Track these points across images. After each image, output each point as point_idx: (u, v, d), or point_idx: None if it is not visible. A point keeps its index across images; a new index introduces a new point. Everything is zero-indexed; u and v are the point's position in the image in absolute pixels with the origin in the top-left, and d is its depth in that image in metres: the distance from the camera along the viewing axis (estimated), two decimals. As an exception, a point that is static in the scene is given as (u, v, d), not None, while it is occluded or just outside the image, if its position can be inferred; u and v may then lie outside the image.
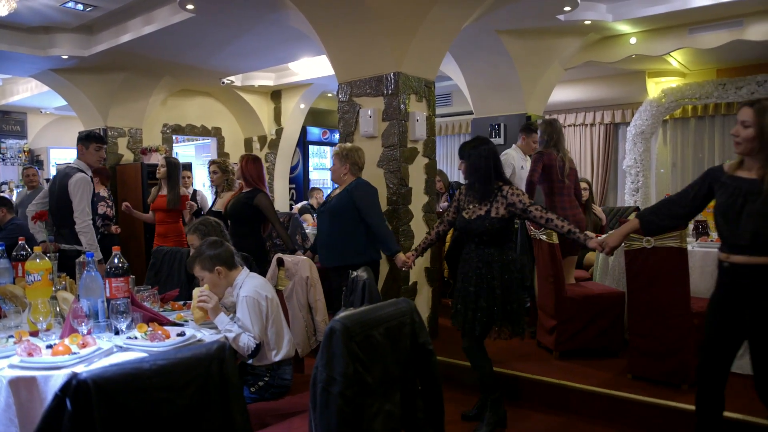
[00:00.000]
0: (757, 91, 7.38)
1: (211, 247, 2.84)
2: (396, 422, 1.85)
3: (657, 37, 6.28)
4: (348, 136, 4.79)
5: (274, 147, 9.59)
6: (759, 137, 2.39)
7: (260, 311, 2.73)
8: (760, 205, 2.36)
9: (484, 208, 3.21)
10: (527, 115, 6.41)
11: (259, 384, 2.85)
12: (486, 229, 3.18)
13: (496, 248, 3.22)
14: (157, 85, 7.81)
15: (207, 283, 2.82)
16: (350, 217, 3.81)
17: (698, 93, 7.77)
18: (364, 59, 4.61)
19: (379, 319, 1.82)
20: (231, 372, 1.73)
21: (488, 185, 3.21)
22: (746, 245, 2.40)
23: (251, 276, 2.88)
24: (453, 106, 9.71)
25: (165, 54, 6.73)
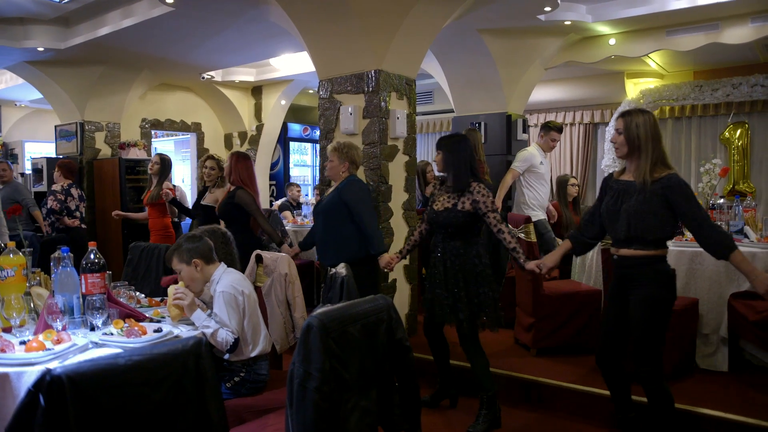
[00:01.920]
0: (732, 93, 7.50)
1: (190, 240, 2.85)
2: (372, 418, 1.87)
3: (636, 38, 6.35)
4: (328, 133, 4.78)
5: (254, 143, 9.54)
6: (628, 143, 2.76)
7: (237, 306, 2.73)
8: (632, 204, 2.72)
9: (453, 201, 3.33)
10: (507, 114, 6.46)
11: (234, 380, 2.84)
12: (451, 221, 3.30)
13: (462, 240, 3.33)
14: (136, 79, 7.72)
15: (184, 276, 2.82)
16: (341, 214, 3.82)
17: (675, 94, 7.88)
18: (345, 56, 4.61)
19: (356, 316, 1.83)
20: (207, 367, 1.72)
21: (461, 180, 3.33)
22: (623, 239, 2.78)
23: (228, 271, 2.88)
24: (434, 104, 9.73)
25: (144, 48, 6.66)
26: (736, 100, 7.66)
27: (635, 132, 2.74)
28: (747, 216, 4.37)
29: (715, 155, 7.59)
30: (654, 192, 2.68)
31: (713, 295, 3.88)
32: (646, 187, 2.69)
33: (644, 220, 2.70)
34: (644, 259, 2.76)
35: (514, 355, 4.30)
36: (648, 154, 2.71)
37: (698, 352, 3.94)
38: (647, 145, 2.72)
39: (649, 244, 2.74)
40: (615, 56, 6.50)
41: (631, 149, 2.77)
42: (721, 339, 3.88)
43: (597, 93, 8.62)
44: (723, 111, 7.97)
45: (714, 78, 7.69)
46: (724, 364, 3.87)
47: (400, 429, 2.00)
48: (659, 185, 2.68)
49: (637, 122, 2.74)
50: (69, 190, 6.32)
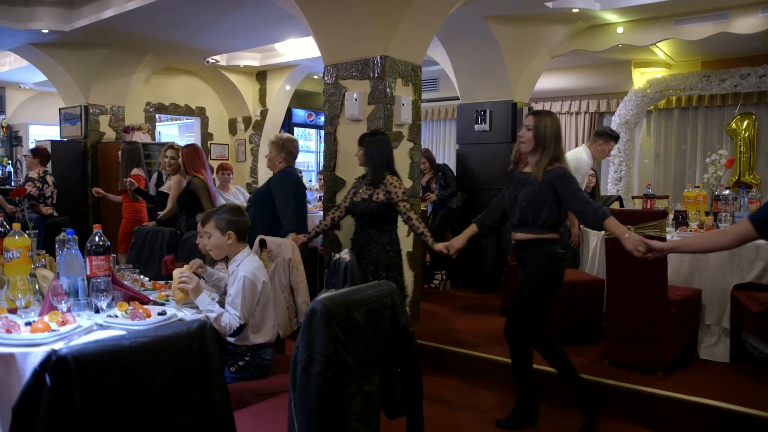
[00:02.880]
0: (740, 83, 7.44)
1: (233, 212, 2.92)
2: (375, 403, 1.87)
3: (643, 27, 6.30)
4: (333, 119, 4.77)
5: (258, 128, 9.52)
6: (535, 140, 3.06)
7: (254, 294, 2.78)
8: (526, 192, 3.07)
9: (369, 192, 3.73)
10: (513, 102, 6.42)
11: (239, 364, 2.87)
12: (366, 210, 3.70)
13: (376, 229, 3.73)
14: (141, 62, 7.70)
15: (212, 241, 2.88)
16: (269, 201, 4.10)
17: (683, 84, 7.82)
18: (350, 42, 4.58)
19: (360, 301, 1.83)
20: (212, 350, 1.73)
21: (378, 173, 3.72)
22: (516, 224, 3.15)
23: (251, 257, 2.92)
24: (439, 92, 9.69)
25: (148, 31, 6.63)
26: (743, 90, 7.61)
27: (543, 131, 3.05)
28: (752, 207, 4.36)
29: (721, 146, 7.57)
30: (545, 181, 3.03)
31: (716, 286, 3.88)
32: (538, 179, 3.05)
33: (534, 206, 3.05)
34: (534, 242, 3.11)
35: (516, 343, 4.30)
36: (549, 152, 3.06)
37: (700, 342, 3.94)
38: (550, 144, 3.06)
39: (538, 229, 3.08)
40: (622, 45, 6.45)
41: (537, 146, 3.08)
42: (723, 330, 3.89)
43: (603, 82, 8.56)
44: (730, 102, 7.92)
45: (722, 68, 7.62)
46: (725, 355, 3.87)
47: (402, 414, 2.01)
48: (549, 176, 3.03)
49: (545, 123, 3.06)
50: (45, 177, 6.41)
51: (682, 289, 3.88)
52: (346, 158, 4.72)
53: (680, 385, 3.44)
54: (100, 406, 1.48)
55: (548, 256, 3.12)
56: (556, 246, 3.14)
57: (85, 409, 1.44)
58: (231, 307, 2.75)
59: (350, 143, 4.67)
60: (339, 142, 4.76)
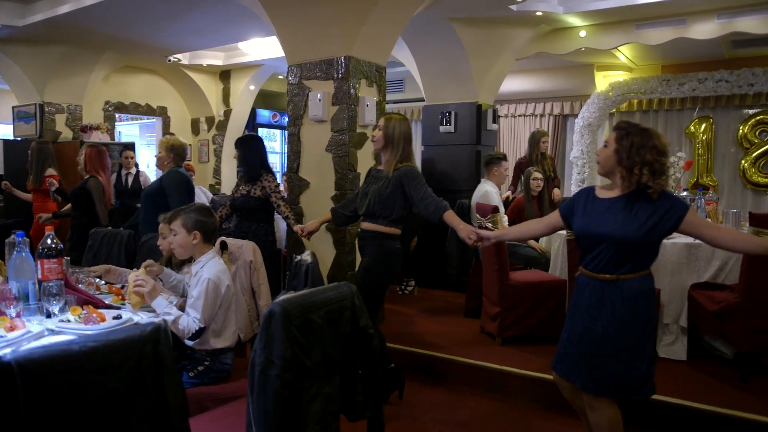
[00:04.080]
0: (698, 88, 7.63)
1: (201, 212, 2.87)
2: (335, 405, 1.85)
3: (605, 31, 6.41)
4: (297, 120, 4.72)
5: (222, 129, 9.39)
6: (385, 139, 3.34)
7: (217, 297, 2.72)
8: (376, 187, 3.33)
9: (247, 188, 4.19)
10: (478, 103, 6.46)
11: (198, 369, 2.80)
12: (245, 205, 4.17)
13: (253, 222, 4.20)
14: (99, 60, 7.51)
15: (177, 239, 2.82)
16: (159, 199, 4.24)
17: (643, 88, 7.99)
18: (314, 42, 4.54)
19: (319, 303, 1.81)
20: (166, 354, 1.68)
21: (254, 172, 4.21)
22: (364, 214, 3.40)
23: (216, 260, 2.87)
24: (405, 93, 9.70)
25: (107, 28, 6.47)
26: (701, 94, 7.81)
27: (391, 132, 3.33)
28: (709, 209, 4.46)
29: (680, 149, 7.75)
30: (393, 178, 3.29)
31: (674, 285, 3.96)
32: (388, 175, 3.31)
33: (381, 201, 3.29)
34: (375, 233, 3.35)
35: (480, 345, 4.33)
36: (398, 151, 3.33)
37: (659, 341, 4.01)
38: (399, 143, 3.33)
39: (382, 221, 3.33)
40: (585, 48, 6.56)
41: (386, 144, 3.36)
42: (681, 328, 3.97)
43: (567, 85, 8.69)
44: (689, 105, 8.13)
45: (681, 72, 7.82)
46: (683, 353, 3.95)
47: (362, 416, 1.99)
48: (397, 173, 3.29)
49: (394, 125, 3.34)
50: None
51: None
52: (310, 159, 4.68)
53: (639, 383, 3.49)
54: (48, 413, 1.43)
55: (386, 250, 3.36)
56: (395, 241, 3.40)
57: (30, 416, 1.39)
58: (192, 309, 2.69)
59: (314, 144, 4.63)
60: (303, 143, 4.72)
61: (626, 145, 2.34)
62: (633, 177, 2.32)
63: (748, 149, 7.82)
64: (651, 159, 2.30)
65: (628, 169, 2.33)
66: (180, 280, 3.06)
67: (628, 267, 2.36)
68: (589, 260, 2.45)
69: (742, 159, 7.86)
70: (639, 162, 2.30)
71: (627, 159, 2.33)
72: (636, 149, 2.31)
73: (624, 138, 2.36)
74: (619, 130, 2.40)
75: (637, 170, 2.30)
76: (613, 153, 2.38)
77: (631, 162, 2.32)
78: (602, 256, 2.39)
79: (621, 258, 2.36)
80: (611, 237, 2.35)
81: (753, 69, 7.30)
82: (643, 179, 2.30)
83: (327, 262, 4.56)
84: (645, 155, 2.30)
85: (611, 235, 2.34)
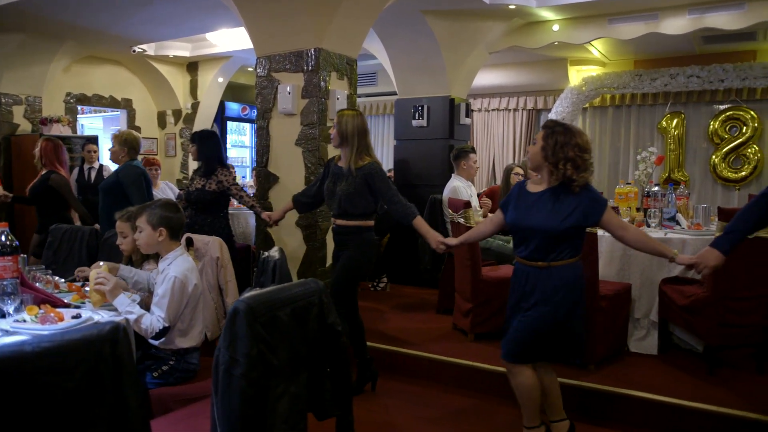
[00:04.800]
0: (670, 83, 7.72)
1: (167, 208, 2.77)
2: (302, 403, 1.79)
3: (578, 25, 6.43)
4: (266, 113, 4.62)
5: (189, 122, 9.19)
6: (339, 135, 3.44)
7: (183, 296, 2.65)
8: (343, 187, 3.42)
9: (202, 182, 4.20)
10: (451, 97, 6.43)
11: (163, 369, 2.72)
12: (200, 198, 4.20)
13: (208, 215, 4.24)
14: (59, 49, 7.26)
15: (142, 237, 2.74)
16: (116, 192, 4.29)
17: (616, 83, 8.05)
18: (284, 33, 4.45)
19: (285, 300, 1.75)
20: (125, 354, 1.61)
21: (210, 166, 4.23)
22: (337, 215, 3.51)
23: (184, 257, 2.78)
24: (378, 86, 9.62)
25: (67, 16, 6.26)
26: (673, 90, 7.91)
27: (344, 128, 3.42)
28: (680, 204, 4.50)
29: (652, 143, 7.84)
30: (359, 177, 3.39)
31: (645, 280, 3.98)
32: (352, 173, 3.40)
33: (352, 199, 3.40)
34: (354, 228, 3.48)
35: (452, 341, 4.30)
36: (354, 146, 3.41)
37: (630, 335, 4.03)
38: (353, 138, 3.41)
39: (356, 217, 3.46)
40: (558, 42, 6.57)
41: (342, 141, 3.45)
42: (652, 323, 3.99)
43: (540, 79, 8.70)
44: (661, 100, 8.23)
45: (653, 68, 7.90)
46: (654, 347, 3.97)
47: (331, 414, 1.94)
48: (362, 172, 3.39)
49: (346, 121, 3.42)
50: None
51: (613, 283, 3.95)
52: (279, 153, 4.59)
53: (611, 377, 3.50)
54: None
55: (368, 241, 3.54)
56: (372, 233, 3.57)
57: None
58: (157, 307, 2.61)
59: (283, 138, 4.55)
60: (272, 137, 4.63)
61: (551, 143, 2.57)
62: (558, 171, 2.55)
63: (719, 144, 7.94)
64: (573, 155, 2.53)
65: (554, 164, 2.56)
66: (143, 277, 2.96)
67: (557, 255, 2.59)
68: (522, 249, 2.68)
69: (713, 154, 7.98)
70: (563, 158, 2.54)
71: (552, 155, 2.56)
72: (560, 146, 2.55)
73: (549, 136, 2.59)
74: (546, 129, 2.64)
75: (562, 165, 2.54)
76: (540, 150, 2.61)
77: (555, 158, 2.55)
78: (532, 245, 2.62)
79: (549, 247, 2.58)
80: (537, 228, 2.58)
81: (723, 65, 7.43)
82: (568, 173, 2.54)
83: (297, 258, 4.48)
84: (568, 152, 2.53)
85: (537, 227, 2.58)
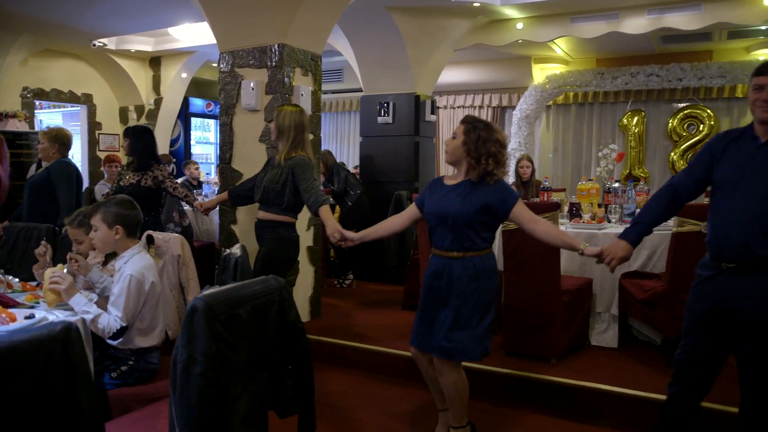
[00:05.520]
0: (631, 81, 7.88)
1: (123, 205, 2.70)
2: (262, 402, 1.78)
3: (542, 23, 6.51)
4: (229, 109, 4.56)
5: (152, 118, 9.02)
6: (276, 129, 3.50)
7: (140, 295, 2.59)
8: (270, 176, 3.49)
9: (137, 178, 4.13)
10: (416, 94, 6.44)
11: (121, 369, 2.66)
12: (132, 193, 3.98)
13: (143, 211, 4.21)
14: (15, 42, 7.04)
15: (98, 236, 2.67)
16: (46, 190, 4.22)
17: (579, 81, 8.18)
18: (247, 28, 4.39)
19: (245, 297, 1.73)
20: (78, 355, 1.56)
21: (144, 162, 4.16)
22: (260, 202, 3.55)
23: (141, 255, 2.72)
24: (344, 83, 9.60)
25: (24, 7, 6.08)
26: (634, 88, 8.07)
27: (281, 122, 3.48)
28: (639, 199, 4.59)
29: (613, 141, 7.98)
30: (286, 167, 3.43)
31: (606, 275, 4.04)
32: (281, 165, 3.45)
33: (273, 188, 3.44)
34: (271, 222, 3.51)
35: (417, 336, 4.30)
36: (290, 140, 3.47)
37: (592, 329, 4.10)
38: (289, 132, 3.47)
39: (275, 209, 3.49)
40: (522, 41, 6.63)
41: (279, 135, 3.51)
42: (612, 317, 4.07)
43: (505, 77, 8.78)
44: (622, 98, 8.40)
45: (615, 66, 8.05)
46: (614, 340, 4.05)
47: (293, 413, 1.92)
48: (289, 163, 3.43)
49: (284, 116, 3.49)
50: None
51: (574, 278, 4.02)
52: (242, 150, 4.53)
53: (572, 371, 3.55)
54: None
55: (282, 237, 3.53)
56: (290, 230, 3.55)
57: None
58: (113, 307, 2.55)
59: (247, 134, 4.49)
60: (235, 133, 4.57)
61: (474, 138, 2.63)
62: (480, 166, 2.62)
63: (677, 142, 8.14)
64: (495, 150, 2.62)
65: (476, 159, 2.62)
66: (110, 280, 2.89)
67: (470, 245, 2.64)
68: (438, 240, 2.72)
69: (672, 151, 8.17)
70: (485, 153, 2.61)
71: (475, 150, 2.62)
72: (482, 142, 2.62)
73: (471, 131, 2.65)
74: (467, 124, 2.69)
75: (484, 160, 2.61)
76: (462, 144, 2.66)
77: (478, 153, 2.62)
78: (447, 235, 2.66)
79: (463, 237, 2.63)
80: (450, 215, 2.63)
81: (681, 64, 7.61)
82: (489, 168, 2.62)
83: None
84: (490, 147, 2.61)
85: (450, 214, 2.63)
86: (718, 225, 2.26)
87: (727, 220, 2.22)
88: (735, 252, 2.19)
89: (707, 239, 2.32)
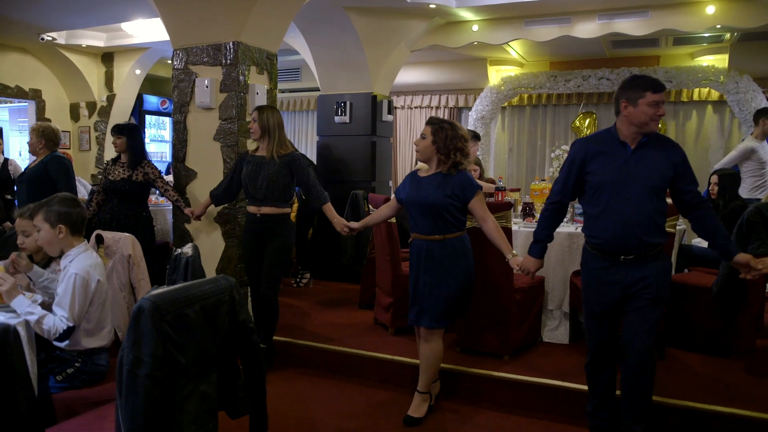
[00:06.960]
0: (582, 84, 8.05)
1: (65, 203, 2.64)
2: (212, 403, 1.76)
3: (497, 26, 6.59)
4: (183, 107, 4.48)
5: (104, 115, 8.78)
6: (261, 129, 3.73)
7: (86, 294, 2.54)
8: (267, 173, 3.69)
9: (128, 173, 4.32)
10: (373, 94, 6.46)
11: (68, 371, 2.60)
12: (126, 188, 4.31)
13: (132, 206, 4.38)
14: (-42, 36, 6.79)
15: (41, 236, 2.61)
16: (44, 184, 4.34)
17: (533, 83, 8.32)
18: (201, 25, 4.32)
19: (194, 297, 1.71)
20: (15, 359, 1.53)
21: (136, 158, 4.36)
22: (262, 199, 3.74)
23: (87, 253, 2.66)
24: (302, 82, 9.54)
25: (-34, 0, 5.86)
26: (586, 91, 8.26)
27: (266, 122, 3.72)
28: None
29: (566, 142, 8.14)
30: (282, 164, 3.70)
31: (558, 273, 4.13)
32: (275, 161, 3.70)
33: (276, 184, 3.69)
34: (280, 216, 3.78)
35: (373, 335, 4.33)
36: (275, 138, 3.72)
37: (544, 326, 4.19)
38: (274, 131, 3.72)
39: (282, 204, 3.77)
40: (478, 42, 6.71)
41: (263, 134, 3.73)
42: (564, 313, 4.16)
43: (461, 78, 8.87)
44: (575, 101, 8.58)
45: (567, 69, 8.21)
46: (565, 336, 4.15)
47: (244, 413, 1.91)
48: (285, 159, 3.72)
49: (268, 116, 3.73)
50: None
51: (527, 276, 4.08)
52: (197, 148, 4.46)
53: (525, 367, 3.62)
54: None
55: (291, 228, 3.91)
56: (291, 221, 3.87)
57: None
58: (59, 307, 2.49)
59: (201, 133, 4.43)
60: (189, 132, 4.49)
61: (442, 137, 3.04)
62: (450, 160, 3.03)
63: (627, 143, 8.35)
64: (461, 145, 3.04)
65: (446, 154, 3.03)
66: (53, 279, 2.81)
67: (448, 228, 3.05)
68: (418, 225, 3.11)
69: (621, 152, 8.38)
70: (453, 148, 3.02)
71: (444, 147, 3.03)
72: (450, 139, 3.03)
73: (439, 131, 3.05)
74: (433, 125, 3.08)
75: (453, 155, 3.03)
76: (431, 143, 3.06)
77: (448, 149, 3.03)
78: (428, 222, 3.06)
79: (440, 220, 3.04)
80: (427, 201, 3.04)
81: (630, 68, 7.81)
82: (458, 160, 3.04)
83: (215, 255, 4.38)
84: (457, 143, 3.03)
85: (427, 200, 3.04)
86: (613, 224, 2.61)
87: (622, 220, 2.59)
88: (635, 246, 2.59)
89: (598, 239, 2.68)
